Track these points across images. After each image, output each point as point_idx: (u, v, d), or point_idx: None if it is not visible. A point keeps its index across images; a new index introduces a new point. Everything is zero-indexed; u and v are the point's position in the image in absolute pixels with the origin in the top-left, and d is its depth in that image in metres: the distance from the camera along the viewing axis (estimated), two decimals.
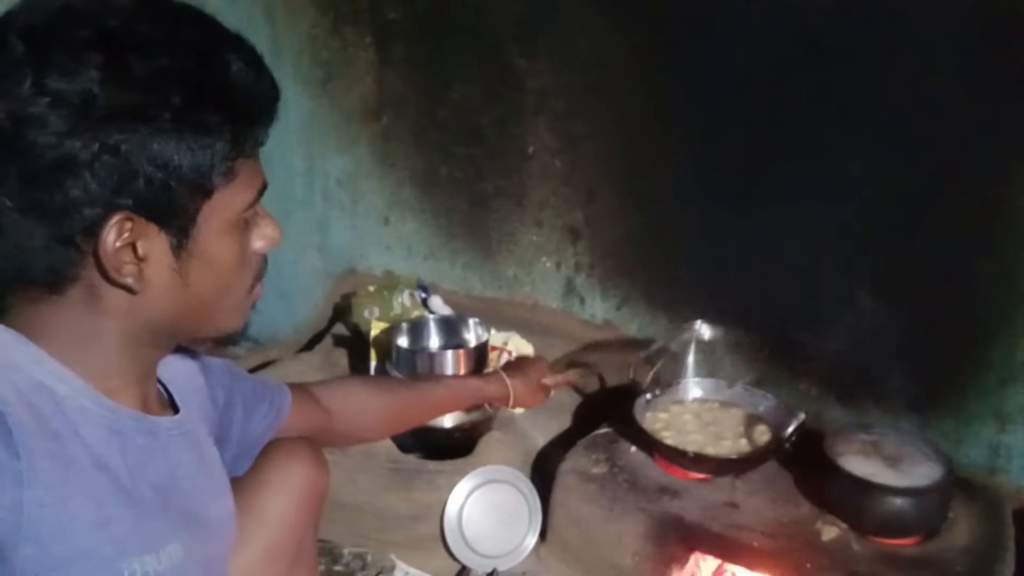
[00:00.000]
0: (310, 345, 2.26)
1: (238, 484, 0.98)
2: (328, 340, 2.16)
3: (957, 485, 1.41)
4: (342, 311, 2.27)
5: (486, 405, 1.50)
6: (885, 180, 1.56)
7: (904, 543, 1.35)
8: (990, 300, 1.53)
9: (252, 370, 2.05)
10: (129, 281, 0.75)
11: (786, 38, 1.58)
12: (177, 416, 0.88)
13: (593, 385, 1.86)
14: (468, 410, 1.61)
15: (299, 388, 1.16)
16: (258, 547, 0.97)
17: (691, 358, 1.65)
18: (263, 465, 1.03)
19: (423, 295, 2.10)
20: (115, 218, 0.72)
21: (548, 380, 1.58)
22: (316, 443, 1.09)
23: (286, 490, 1.01)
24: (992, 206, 1.50)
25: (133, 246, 0.74)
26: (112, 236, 0.72)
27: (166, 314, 0.79)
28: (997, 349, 1.54)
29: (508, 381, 1.48)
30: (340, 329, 2.20)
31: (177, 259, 0.77)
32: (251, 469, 1.03)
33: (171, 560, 0.78)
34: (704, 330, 1.60)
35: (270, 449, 1.05)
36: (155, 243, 0.75)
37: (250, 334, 2.71)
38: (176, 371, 0.92)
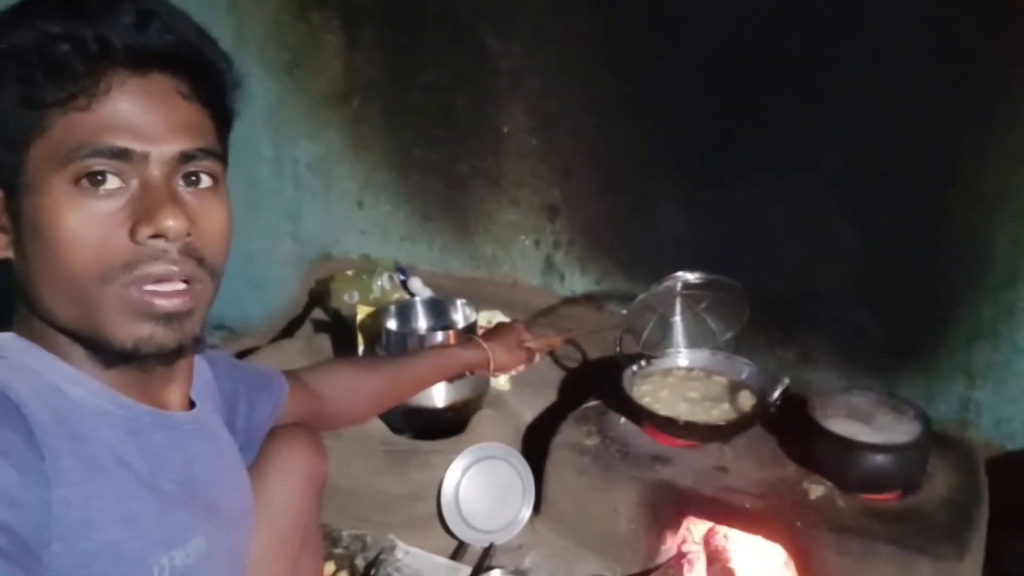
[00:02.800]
0: (286, 332, 2.26)
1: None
2: (308, 326, 2.16)
3: (933, 441, 1.47)
4: (318, 296, 2.26)
5: (467, 372, 1.50)
6: (854, 150, 1.61)
7: (887, 498, 1.41)
8: (957, 262, 1.59)
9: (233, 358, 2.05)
10: None
11: (756, 15, 1.62)
12: (193, 410, 0.87)
13: (576, 358, 1.90)
14: (452, 379, 1.59)
15: (291, 375, 1.16)
16: (267, 534, 0.98)
17: (678, 318, 1.66)
18: (265, 454, 1.03)
19: (402, 277, 2.11)
20: None
21: (531, 343, 1.57)
22: (313, 429, 1.10)
23: (289, 477, 1.02)
24: (957, 173, 1.56)
25: None
26: None
27: (37, 299, 0.74)
28: (964, 308, 1.60)
29: (486, 346, 1.48)
30: (319, 314, 2.20)
31: (16, 225, 0.73)
32: (256, 459, 1.04)
33: (197, 553, 0.79)
34: (686, 278, 1.58)
35: (270, 437, 1.05)
36: None
37: (224, 322, 2.71)
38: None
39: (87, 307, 0.73)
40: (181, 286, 0.75)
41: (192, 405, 0.89)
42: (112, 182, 0.72)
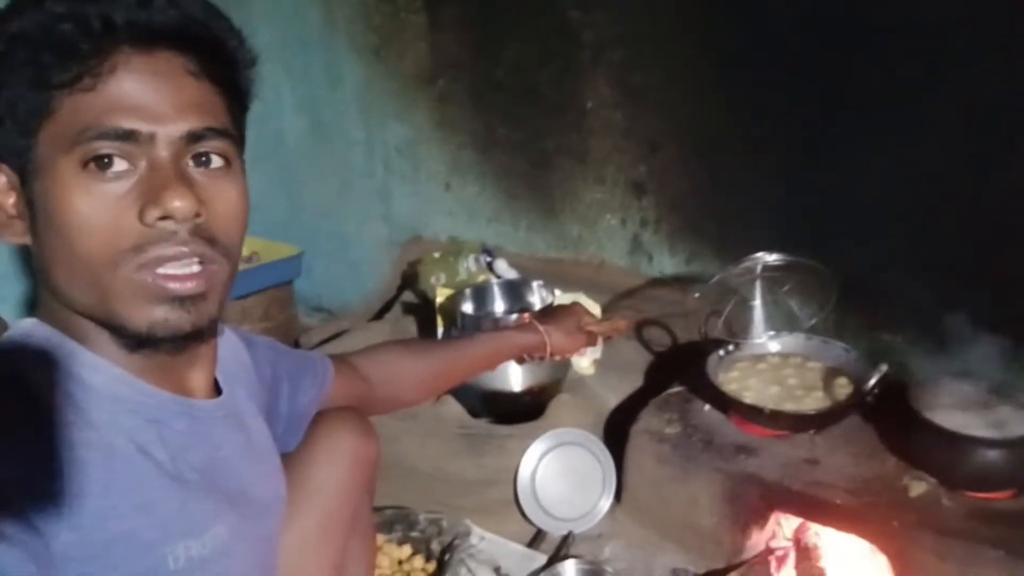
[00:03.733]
0: (380, 314, 2.28)
1: (289, 458, 0.98)
2: (397, 308, 2.17)
3: None
4: (409, 279, 2.27)
5: (525, 356, 1.43)
6: (965, 122, 1.46)
7: (998, 497, 1.29)
8: None
9: (325, 341, 2.08)
10: (5, 235, 0.74)
11: None
12: (220, 398, 0.86)
13: (663, 341, 1.82)
14: (522, 363, 1.54)
15: (339, 359, 1.14)
16: (313, 519, 0.97)
17: (758, 302, 1.56)
18: (311, 438, 1.02)
19: (488, 259, 2.09)
20: None
21: (592, 326, 1.47)
22: (361, 412, 1.08)
23: (335, 460, 1.00)
24: None
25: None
26: None
27: (54, 285, 0.74)
28: None
29: (542, 328, 1.39)
30: (409, 297, 2.20)
31: (31, 210, 0.72)
32: (301, 443, 1.02)
33: (215, 543, 0.77)
34: (767, 259, 1.47)
35: (316, 421, 1.04)
36: (11, 193, 0.74)
37: (322, 304, 2.78)
38: (222, 351, 0.90)
39: (101, 291, 0.71)
40: (195, 268, 0.73)
41: (219, 392, 0.87)
42: (119, 164, 0.70)
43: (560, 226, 2.10)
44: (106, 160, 0.70)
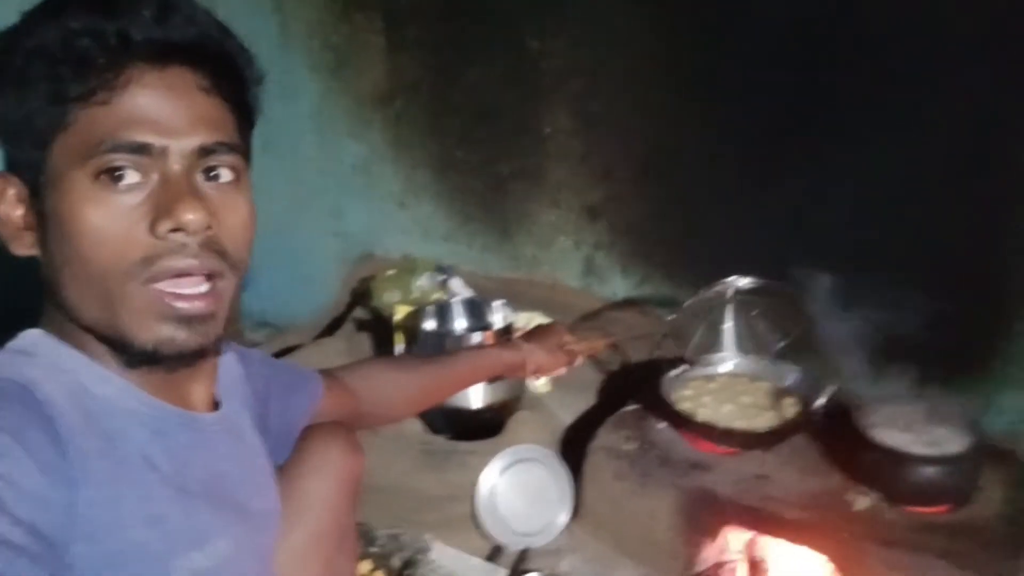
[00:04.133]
0: (329, 330, 2.27)
1: (279, 472, 0.99)
2: (350, 325, 2.17)
3: (985, 453, 1.41)
4: (360, 295, 2.27)
5: (507, 374, 1.47)
6: (916, 151, 1.55)
7: (936, 511, 1.36)
8: (1020, 270, 1.53)
9: (275, 356, 2.06)
10: (13, 247, 0.75)
11: (810, 16, 1.58)
12: (220, 411, 0.87)
13: (616, 361, 1.87)
14: (491, 380, 1.58)
15: (327, 373, 1.16)
16: (303, 533, 0.98)
17: (729, 324, 1.62)
18: (301, 452, 1.03)
19: (442, 277, 2.11)
20: None
21: (572, 346, 1.53)
22: (349, 427, 1.09)
23: (326, 475, 1.01)
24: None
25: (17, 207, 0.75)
26: None
27: (62, 297, 0.74)
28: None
29: (526, 347, 1.44)
30: (361, 313, 2.20)
31: (41, 222, 0.73)
32: (291, 457, 1.03)
33: (218, 555, 0.78)
34: (738, 283, 1.54)
35: (306, 436, 1.04)
36: (19, 206, 0.75)
37: (267, 319, 2.73)
38: (220, 364, 0.91)
39: (109, 305, 0.72)
40: (203, 287, 0.74)
41: (217, 405, 0.88)
42: (132, 177, 0.71)
43: (514, 247, 2.14)
44: (119, 172, 0.71)
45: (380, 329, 2.01)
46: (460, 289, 2.06)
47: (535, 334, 1.50)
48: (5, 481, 0.63)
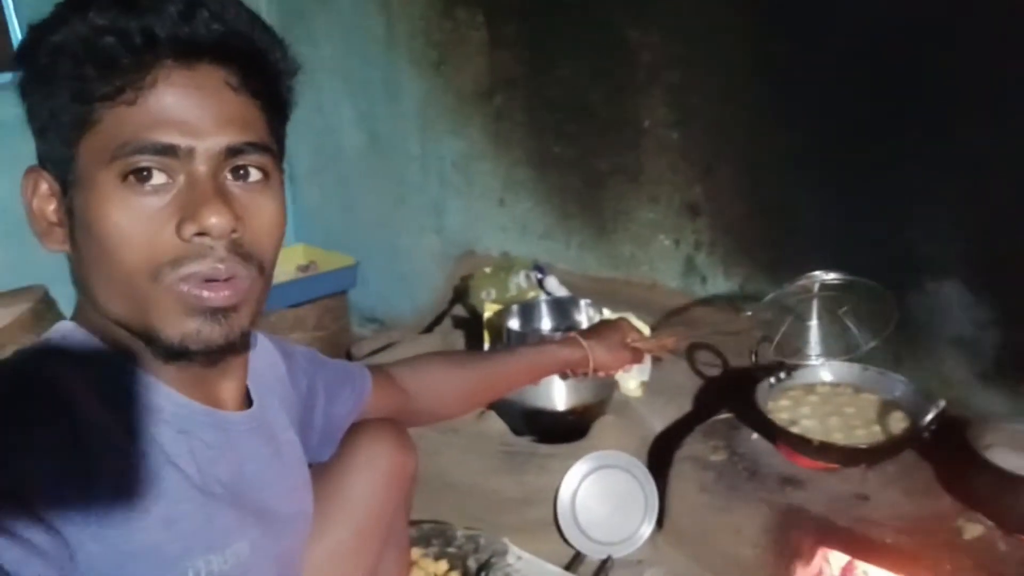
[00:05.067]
0: (431, 327, 2.29)
1: (323, 469, 0.98)
2: (447, 322, 2.18)
3: None
4: (461, 293, 2.27)
5: (568, 371, 1.40)
6: (1012, 154, 1.40)
7: None
8: None
9: (375, 351, 2.09)
10: (45, 242, 0.75)
11: (906, 8, 1.45)
12: (250, 410, 0.85)
13: (714, 364, 1.78)
14: (565, 379, 1.49)
15: (378, 370, 1.13)
16: (346, 531, 0.96)
17: (814, 322, 1.51)
18: (347, 449, 1.01)
19: (539, 276, 2.08)
20: (30, 172, 0.75)
21: (639, 343, 1.42)
22: (400, 424, 1.07)
23: (371, 472, 0.99)
24: None
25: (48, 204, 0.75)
26: (26, 191, 0.75)
27: (91, 293, 0.74)
28: None
29: (585, 344, 1.34)
30: (459, 311, 2.21)
31: (70, 219, 0.73)
32: (336, 453, 1.02)
33: (236, 558, 0.77)
34: (824, 278, 1.42)
35: (354, 432, 1.03)
36: (52, 200, 0.75)
37: (375, 315, 2.80)
38: (257, 361, 0.90)
39: (136, 302, 0.72)
40: (227, 291, 0.73)
41: (250, 403, 0.87)
42: (158, 178, 0.70)
43: (612, 245, 2.07)
44: (145, 173, 0.70)
45: (474, 327, 2.00)
46: (555, 288, 2.02)
47: (596, 331, 1.41)
48: (21, 478, 0.63)
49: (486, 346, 1.80)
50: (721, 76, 1.75)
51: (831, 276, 1.42)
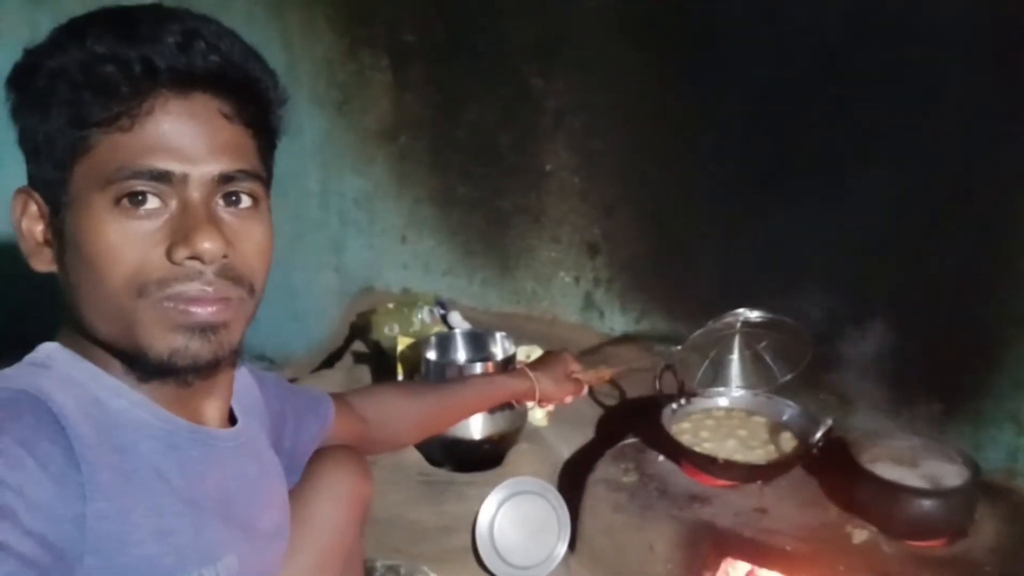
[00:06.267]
0: (326, 363, 2.28)
1: (291, 494, 0.99)
2: (348, 358, 2.18)
3: (981, 488, 1.43)
4: (359, 329, 2.28)
5: (514, 402, 1.47)
6: (899, 192, 1.60)
7: (933, 544, 1.37)
8: (1005, 307, 1.56)
9: None
10: (32, 262, 0.77)
11: (801, 56, 1.63)
12: (235, 428, 0.87)
13: (615, 396, 1.89)
14: (494, 410, 1.59)
15: (338, 397, 1.17)
16: (311, 554, 0.98)
17: (735, 356, 1.64)
18: (312, 475, 1.04)
19: (442, 311, 2.13)
20: (20, 193, 0.78)
21: (579, 375, 1.55)
22: (359, 451, 1.11)
23: (335, 498, 1.02)
24: (1008, 216, 1.54)
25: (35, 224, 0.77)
26: (15, 211, 0.78)
27: (78, 313, 0.75)
28: (1012, 354, 1.57)
29: (533, 375, 1.46)
30: (359, 347, 2.21)
31: (59, 240, 0.75)
32: (302, 479, 1.04)
33: (227, 571, 0.79)
34: (746, 315, 1.56)
35: (317, 459, 1.06)
36: (40, 221, 0.77)
37: (265, 353, 2.74)
38: (237, 383, 0.92)
39: (124, 321, 0.73)
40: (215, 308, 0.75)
41: (233, 422, 0.89)
42: (152, 202, 0.73)
43: (514, 281, 2.16)
44: (140, 198, 0.72)
45: (380, 361, 2.02)
46: (459, 323, 2.08)
47: (542, 362, 1.51)
48: (16, 493, 0.63)
49: (399, 378, 1.83)
50: (623, 123, 1.89)
51: (754, 314, 1.55)
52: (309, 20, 2.25)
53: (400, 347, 1.83)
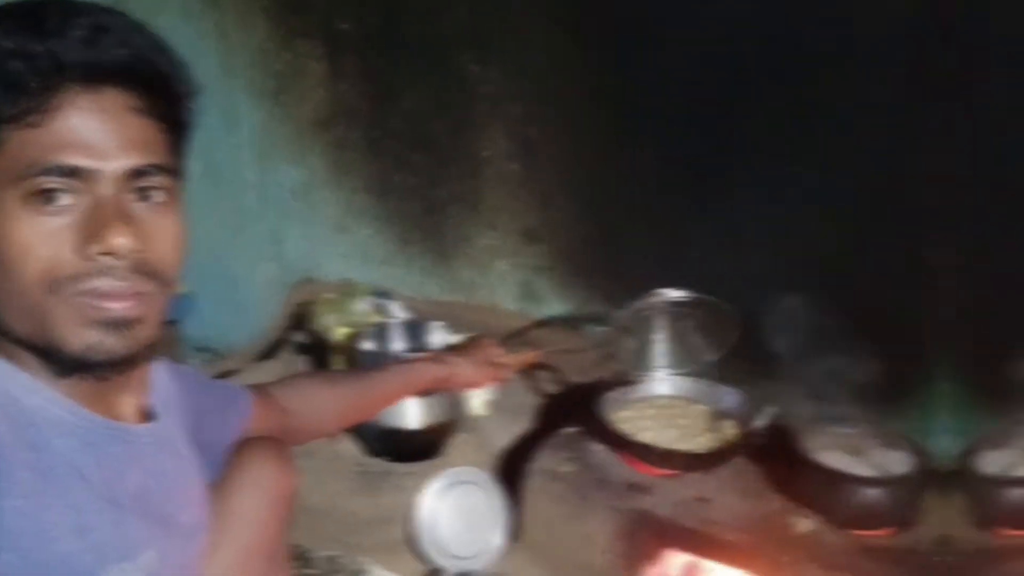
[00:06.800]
0: (267, 354, 2.24)
1: (211, 489, 0.98)
2: (288, 348, 2.15)
3: (928, 477, 1.41)
4: (299, 319, 2.25)
5: (435, 388, 1.46)
6: (839, 179, 1.60)
7: (879, 534, 1.36)
8: (948, 295, 1.57)
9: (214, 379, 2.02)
10: None
11: (738, 39, 1.63)
12: (153, 423, 0.87)
13: (553, 382, 1.87)
14: (425, 397, 1.55)
15: (256, 388, 1.18)
16: (234, 549, 0.97)
17: (661, 336, 1.64)
18: (233, 468, 1.03)
19: (381, 301, 2.09)
20: None
21: (502, 359, 1.53)
22: (282, 443, 1.10)
23: (257, 491, 1.01)
24: (945, 205, 1.54)
25: None
26: None
27: None
28: (961, 340, 1.57)
29: (453, 360, 1.45)
30: (299, 337, 2.18)
31: None
32: (222, 473, 1.03)
33: (148, 567, 0.79)
34: (669, 295, 1.56)
35: (239, 452, 1.04)
36: None
37: (207, 344, 2.69)
38: (155, 378, 0.92)
39: (38, 317, 0.73)
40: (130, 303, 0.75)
41: (149, 417, 0.88)
42: (63, 199, 0.72)
43: (452, 270, 2.14)
44: (50, 194, 0.72)
45: (318, 352, 1.99)
46: (398, 313, 2.04)
47: (463, 348, 1.51)
48: None
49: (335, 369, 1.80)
50: (561, 109, 1.87)
51: (676, 294, 1.54)
52: (245, 10, 2.20)
53: (336, 337, 1.79)
